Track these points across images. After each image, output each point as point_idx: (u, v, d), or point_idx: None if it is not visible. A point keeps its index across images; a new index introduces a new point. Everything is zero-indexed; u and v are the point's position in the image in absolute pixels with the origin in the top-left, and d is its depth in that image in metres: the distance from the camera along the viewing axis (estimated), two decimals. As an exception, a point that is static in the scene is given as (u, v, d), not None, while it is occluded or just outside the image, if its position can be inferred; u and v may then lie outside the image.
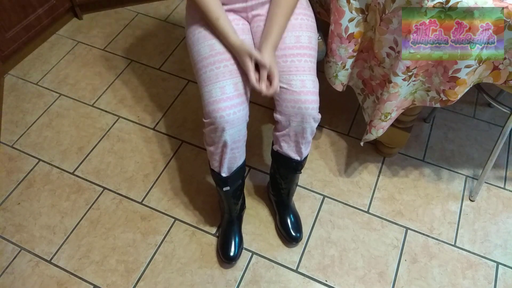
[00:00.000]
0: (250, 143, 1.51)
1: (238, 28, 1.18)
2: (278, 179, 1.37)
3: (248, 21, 1.23)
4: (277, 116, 1.18)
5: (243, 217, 1.49)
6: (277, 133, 1.22)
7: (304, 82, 1.14)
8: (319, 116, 1.17)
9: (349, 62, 1.34)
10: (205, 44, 1.17)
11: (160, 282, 1.36)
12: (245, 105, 1.16)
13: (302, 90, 1.14)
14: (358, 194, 1.56)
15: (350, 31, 1.25)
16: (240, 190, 1.36)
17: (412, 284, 1.37)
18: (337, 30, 1.25)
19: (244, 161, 1.28)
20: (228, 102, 1.12)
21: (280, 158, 1.29)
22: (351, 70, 1.39)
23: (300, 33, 1.20)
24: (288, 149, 1.24)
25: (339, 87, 1.43)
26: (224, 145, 1.16)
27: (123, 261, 1.40)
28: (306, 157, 1.29)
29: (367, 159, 1.66)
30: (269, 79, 1.11)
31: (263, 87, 1.10)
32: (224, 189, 1.26)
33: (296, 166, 1.29)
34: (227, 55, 1.15)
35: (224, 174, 1.23)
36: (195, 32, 1.19)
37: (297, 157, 1.26)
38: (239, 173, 1.28)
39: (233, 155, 1.20)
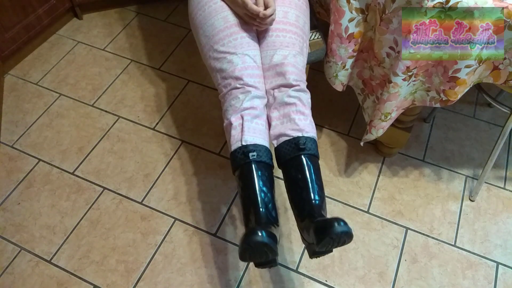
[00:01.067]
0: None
1: None
2: (296, 186, 1.09)
3: None
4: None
5: (277, 241, 1.00)
6: (269, 114, 1.15)
7: (285, 56, 1.16)
8: (302, 87, 1.14)
9: (349, 62, 1.34)
10: (218, 17, 1.19)
11: (160, 282, 1.36)
12: (263, 81, 1.17)
13: (283, 62, 1.15)
14: (358, 194, 1.56)
15: (350, 31, 1.25)
16: (270, 173, 1.10)
17: (412, 284, 1.37)
18: (337, 30, 1.25)
19: (269, 149, 1.12)
20: (249, 70, 1.13)
21: (283, 150, 1.10)
22: (351, 70, 1.39)
23: (289, 9, 1.22)
24: (282, 127, 1.12)
25: (339, 87, 1.43)
26: (247, 110, 1.09)
27: (123, 261, 1.40)
28: (311, 139, 1.10)
29: (367, 159, 1.66)
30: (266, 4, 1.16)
31: (261, 8, 1.13)
32: (251, 155, 1.06)
33: (298, 143, 1.08)
34: (242, 27, 1.18)
35: (246, 143, 1.07)
36: (204, 8, 1.21)
37: (296, 133, 1.09)
38: (265, 149, 1.10)
39: (256, 125, 1.10)
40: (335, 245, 0.99)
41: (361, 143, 1.45)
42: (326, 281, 1.37)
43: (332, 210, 1.52)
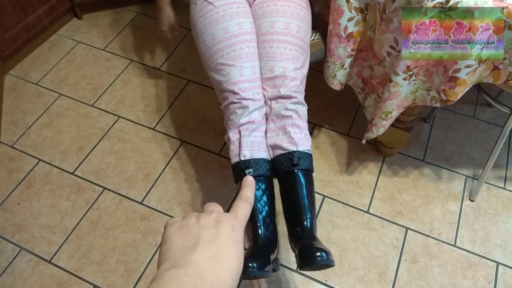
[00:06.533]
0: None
1: (239, 11, 1.21)
2: (288, 201, 1.13)
3: (249, 4, 1.27)
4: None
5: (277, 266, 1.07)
6: (266, 126, 1.17)
7: (286, 69, 1.16)
8: (300, 99, 1.15)
9: (348, 61, 1.34)
10: (218, 27, 1.18)
11: (160, 282, 1.36)
12: (262, 91, 1.18)
13: (282, 74, 1.16)
14: (358, 194, 1.56)
15: (349, 31, 1.25)
16: (268, 183, 1.13)
17: (412, 284, 1.37)
18: (335, 29, 1.25)
19: (269, 160, 1.15)
20: (247, 83, 1.14)
21: (277, 163, 1.13)
22: (350, 70, 1.38)
23: (291, 20, 1.22)
24: (278, 139, 1.13)
25: (337, 87, 1.43)
26: (244, 125, 1.12)
27: (123, 261, 1.40)
28: (305, 153, 1.12)
29: (367, 159, 1.66)
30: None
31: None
32: (247, 172, 1.09)
33: (292, 158, 1.10)
34: (242, 38, 1.18)
35: (244, 158, 1.11)
36: (206, 16, 1.21)
37: (291, 147, 1.11)
38: (263, 162, 1.13)
39: (254, 138, 1.13)
40: (316, 271, 1.08)
41: (363, 141, 1.45)
42: (326, 281, 1.37)
43: (332, 210, 1.52)
